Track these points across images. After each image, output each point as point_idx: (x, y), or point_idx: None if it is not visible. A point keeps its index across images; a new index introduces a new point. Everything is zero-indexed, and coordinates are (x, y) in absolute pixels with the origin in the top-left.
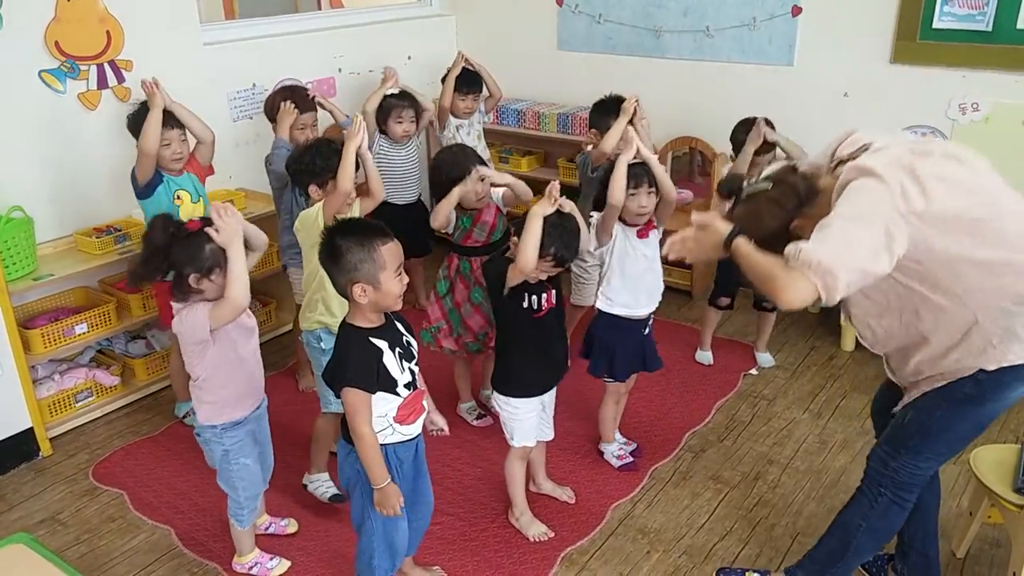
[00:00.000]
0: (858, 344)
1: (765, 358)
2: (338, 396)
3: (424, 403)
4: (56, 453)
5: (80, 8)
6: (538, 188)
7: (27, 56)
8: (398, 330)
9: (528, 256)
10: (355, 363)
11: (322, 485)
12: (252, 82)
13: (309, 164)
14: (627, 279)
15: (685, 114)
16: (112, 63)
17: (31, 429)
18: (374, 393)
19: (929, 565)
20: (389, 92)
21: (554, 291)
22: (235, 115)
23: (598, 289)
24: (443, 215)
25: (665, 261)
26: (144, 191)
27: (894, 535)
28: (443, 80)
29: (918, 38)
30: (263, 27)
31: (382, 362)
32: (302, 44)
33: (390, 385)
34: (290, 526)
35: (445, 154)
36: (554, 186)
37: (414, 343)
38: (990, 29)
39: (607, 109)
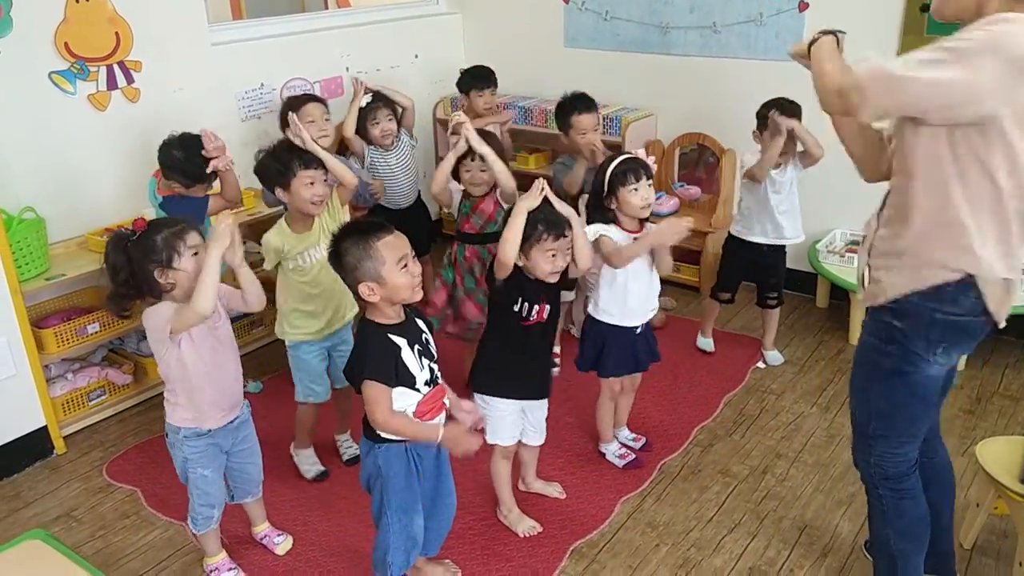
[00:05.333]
0: None
1: (773, 355)
2: (359, 392)
3: (445, 400)
4: (70, 451)
5: (89, 9)
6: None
7: (37, 57)
8: (417, 327)
9: (509, 248)
10: (374, 358)
11: (305, 462)
12: (260, 81)
13: (265, 167)
14: (614, 289)
15: (692, 110)
16: (121, 64)
17: (45, 427)
18: (394, 387)
19: (943, 559)
20: (362, 105)
21: (548, 307)
22: (243, 115)
23: (590, 294)
24: (439, 180)
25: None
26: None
27: (926, 523)
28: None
29: (925, 32)
30: (270, 27)
31: (400, 358)
32: (309, 43)
33: (409, 381)
34: (282, 545)
35: None
36: (540, 181)
37: (433, 342)
38: None
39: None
